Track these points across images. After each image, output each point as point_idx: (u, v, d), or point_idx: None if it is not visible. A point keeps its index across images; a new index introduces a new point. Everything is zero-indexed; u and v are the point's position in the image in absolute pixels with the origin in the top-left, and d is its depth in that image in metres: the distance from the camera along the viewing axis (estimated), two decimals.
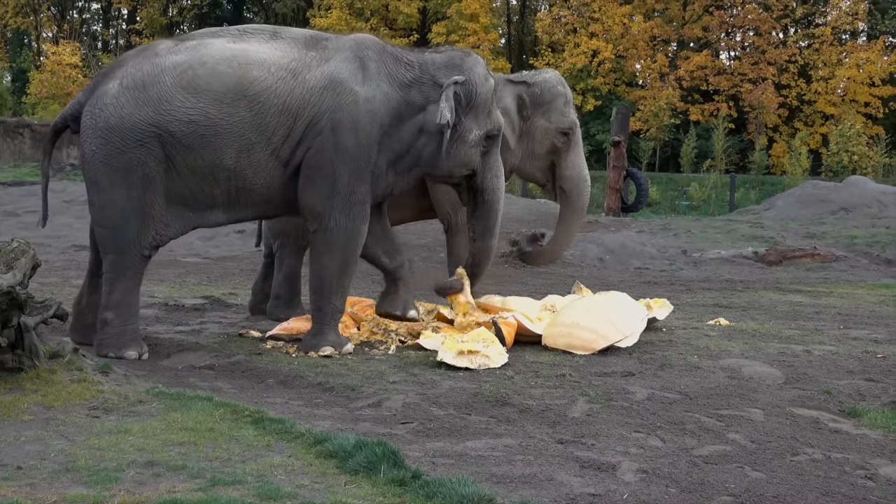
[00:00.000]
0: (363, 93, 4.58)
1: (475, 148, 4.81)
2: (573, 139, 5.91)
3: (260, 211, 4.72)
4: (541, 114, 5.85)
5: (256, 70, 4.51)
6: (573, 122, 5.90)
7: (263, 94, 4.48)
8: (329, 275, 4.67)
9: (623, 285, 8.07)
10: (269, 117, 4.48)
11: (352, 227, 4.63)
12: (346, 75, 4.59)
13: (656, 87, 28.99)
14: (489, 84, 4.82)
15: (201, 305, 6.33)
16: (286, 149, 4.53)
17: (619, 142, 14.62)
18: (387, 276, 5.16)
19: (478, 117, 4.78)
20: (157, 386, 3.88)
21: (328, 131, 4.52)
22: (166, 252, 10.28)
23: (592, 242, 10.67)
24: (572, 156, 5.93)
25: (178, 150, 4.45)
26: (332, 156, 4.53)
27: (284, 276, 5.86)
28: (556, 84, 5.90)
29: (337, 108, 4.53)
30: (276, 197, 4.64)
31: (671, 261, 10.23)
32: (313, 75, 4.57)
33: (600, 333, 4.92)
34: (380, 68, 4.68)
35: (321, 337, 4.72)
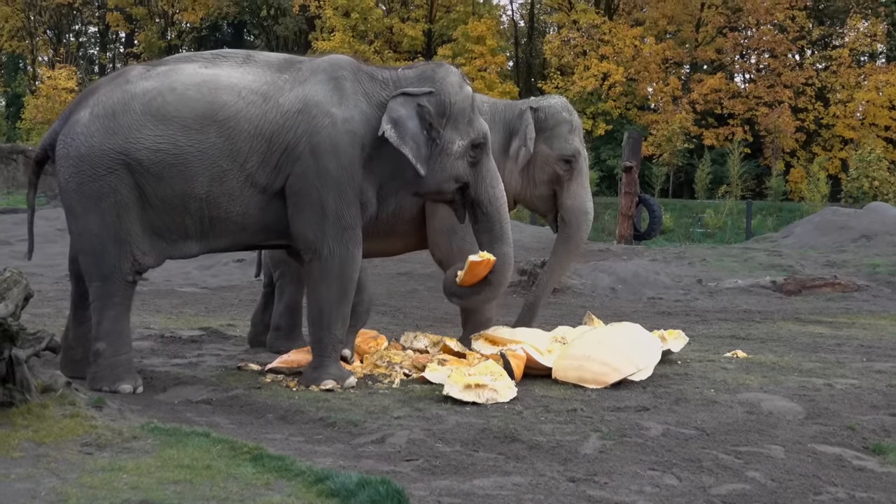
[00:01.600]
0: (340, 114, 4.60)
1: (461, 159, 4.82)
2: (576, 168, 5.89)
3: (235, 240, 4.72)
4: (543, 140, 5.86)
5: (226, 94, 4.55)
6: (576, 150, 5.88)
7: (234, 118, 4.51)
8: (327, 304, 4.67)
9: (636, 316, 8.04)
10: (240, 143, 4.50)
11: (345, 253, 4.64)
12: (320, 97, 4.62)
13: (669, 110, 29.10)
14: (465, 92, 4.82)
15: (199, 337, 6.33)
16: (262, 175, 4.54)
17: (631, 167, 14.65)
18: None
19: (458, 127, 4.79)
20: (153, 421, 3.87)
21: (307, 156, 4.54)
22: (163, 282, 10.33)
23: (604, 271, 10.66)
24: (575, 185, 5.90)
25: (147, 180, 4.48)
26: (315, 181, 4.55)
27: (285, 307, 5.86)
28: (560, 110, 5.91)
29: (313, 131, 4.56)
30: (252, 224, 4.64)
31: (686, 290, 10.20)
32: (286, 99, 4.60)
33: (613, 366, 4.90)
34: (356, 88, 4.71)
35: (322, 370, 4.71)
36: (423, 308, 8.65)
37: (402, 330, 6.45)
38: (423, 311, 8.46)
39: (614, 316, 7.81)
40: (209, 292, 9.63)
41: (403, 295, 9.71)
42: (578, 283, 10.21)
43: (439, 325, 7.32)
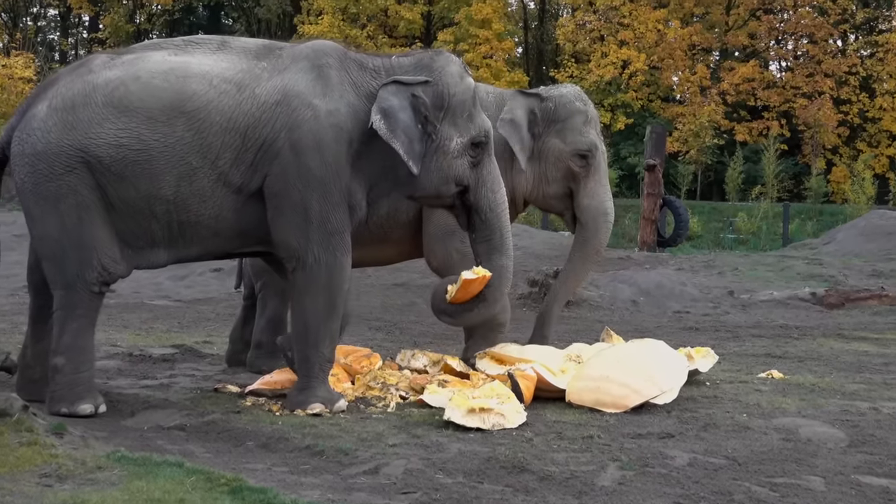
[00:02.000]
0: (324, 106, 4.61)
1: (460, 159, 4.81)
2: (592, 164, 5.89)
3: (208, 247, 4.71)
4: (555, 132, 5.86)
5: (196, 83, 4.55)
6: (592, 143, 5.88)
7: (204, 110, 4.52)
8: (314, 319, 4.67)
9: (660, 332, 8.05)
10: (211, 137, 4.51)
11: (333, 260, 4.64)
12: (302, 87, 4.63)
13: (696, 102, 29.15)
14: (465, 84, 4.83)
15: (171, 356, 6.34)
16: (236, 173, 4.55)
17: (655, 165, 14.67)
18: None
19: (456, 123, 4.79)
20: (120, 450, 3.88)
21: (287, 153, 4.55)
22: (131, 294, 10.34)
23: (624, 282, 10.66)
24: (591, 183, 5.91)
25: (109, 179, 4.49)
26: (296, 181, 4.56)
27: (267, 322, 5.87)
28: (573, 99, 5.91)
29: (294, 125, 4.56)
30: (226, 230, 4.64)
31: (715, 303, 10.20)
32: (264, 89, 4.61)
33: (634, 388, 4.90)
34: (342, 77, 4.72)
35: (309, 392, 4.72)
36: (422, 323, 8.66)
37: (398, 347, 6.45)
38: (422, 326, 8.46)
39: (635, 332, 7.80)
40: (183, 305, 9.64)
41: (399, 308, 9.72)
42: (595, 295, 10.21)
43: (440, 342, 7.32)
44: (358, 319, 8.67)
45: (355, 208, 4.71)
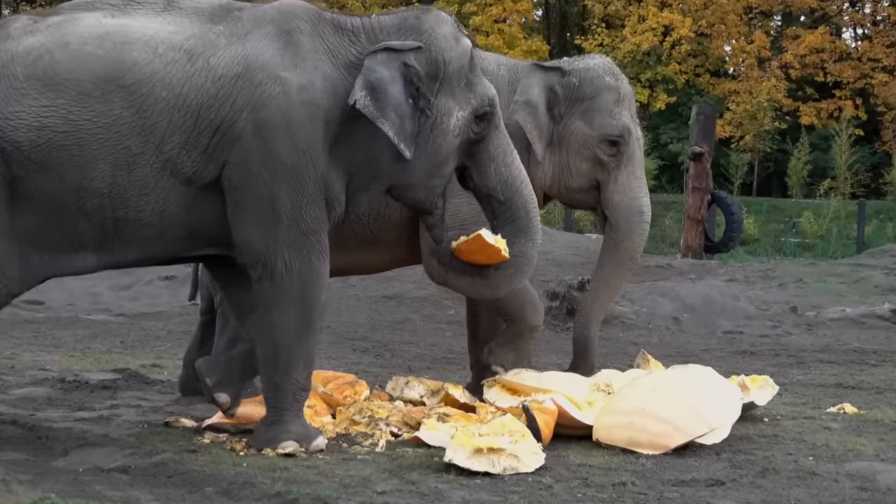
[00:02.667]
0: (295, 80, 4.60)
1: (461, 136, 4.82)
2: (625, 151, 5.88)
3: (150, 250, 4.68)
4: (579, 114, 5.85)
5: (138, 51, 4.53)
6: (625, 126, 5.86)
7: (147, 83, 4.49)
8: (284, 338, 4.67)
9: (707, 356, 8.04)
10: (155, 116, 4.48)
11: (307, 267, 4.63)
12: (267, 57, 4.61)
13: (753, 77, 29.20)
14: (462, 47, 4.82)
15: (112, 382, 6.33)
16: (186, 161, 4.53)
17: (702, 154, 14.69)
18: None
19: (454, 94, 4.79)
20: (49, 496, 3.87)
21: (250, 136, 4.53)
22: (64, 307, 10.34)
23: (664, 295, 10.66)
24: (624, 176, 5.89)
25: (28, 170, 4.44)
26: (262, 170, 4.54)
27: (229, 341, 5.86)
28: (602, 73, 5.90)
29: (259, 103, 4.55)
30: (173, 228, 4.61)
31: (775, 322, 10.20)
32: (221, 59, 4.59)
33: (675, 425, 4.90)
34: (316, 44, 4.71)
35: (280, 427, 4.71)
36: (418, 343, 8.66)
37: (388, 373, 6.45)
38: (418, 347, 8.47)
39: (677, 356, 7.79)
40: (127, 321, 9.64)
41: (391, 326, 9.73)
42: (629, 311, 10.22)
43: (439, 367, 7.33)
44: (340, 339, 8.68)
45: (333, 203, 4.70)
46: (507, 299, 5.57)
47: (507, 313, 5.73)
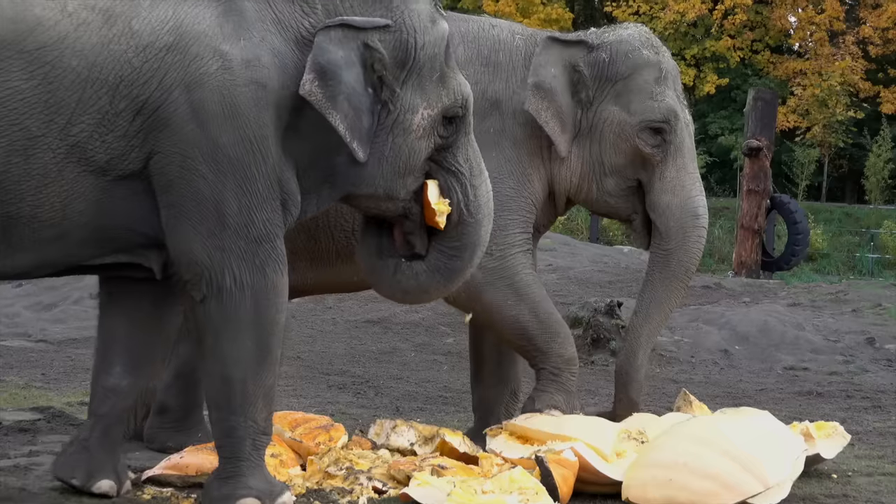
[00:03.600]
0: (238, 54, 4.58)
1: (426, 139, 4.82)
2: (672, 141, 5.88)
3: (45, 255, 4.64)
4: (612, 97, 5.84)
5: (41, 8, 4.51)
6: (670, 109, 5.86)
7: (52, 49, 4.47)
8: (237, 371, 4.66)
9: (764, 397, 8.05)
10: (62, 91, 4.46)
11: (261, 281, 4.62)
12: (204, 26, 4.59)
13: (824, 54, 29.23)
14: (438, 30, 4.81)
15: (31, 423, 6.34)
16: (100, 147, 4.50)
17: (760, 149, 14.71)
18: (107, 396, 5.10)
19: (424, 87, 4.78)
20: None
21: (184, 121, 4.51)
22: None
23: (711, 323, 10.67)
24: (672, 171, 5.90)
25: None
26: (200, 164, 4.52)
27: (176, 376, 5.88)
28: (638, 46, 5.89)
29: (194, 81, 4.52)
30: (77, 229, 4.58)
31: (848, 356, 10.21)
32: (146, 23, 4.56)
33: (724, 482, 4.91)
34: (263, 13, 4.68)
35: (237, 481, 4.72)
36: (408, 379, 8.67)
37: (371, 416, 6.47)
38: (408, 384, 8.47)
39: (727, 396, 7.80)
40: (50, 348, 9.64)
41: (375, 357, 9.73)
42: (669, 342, 10.22)
43: (434, 409, 7.33)
44: (313, 372, 8.68)
45: (288, 204, 4.69)
46: (531, 333, 5.60)
47: (535, 350, 5.73)
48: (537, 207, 5.78)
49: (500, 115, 5.72)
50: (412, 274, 4.95)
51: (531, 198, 5.74)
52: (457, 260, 4.94)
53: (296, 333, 10.24)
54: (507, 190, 5.66)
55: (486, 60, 5.78)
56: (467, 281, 5.56)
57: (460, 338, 9.47)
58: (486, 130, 5.65)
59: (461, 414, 6.80)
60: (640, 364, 5.94)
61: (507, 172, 5.68)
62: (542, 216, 5.88)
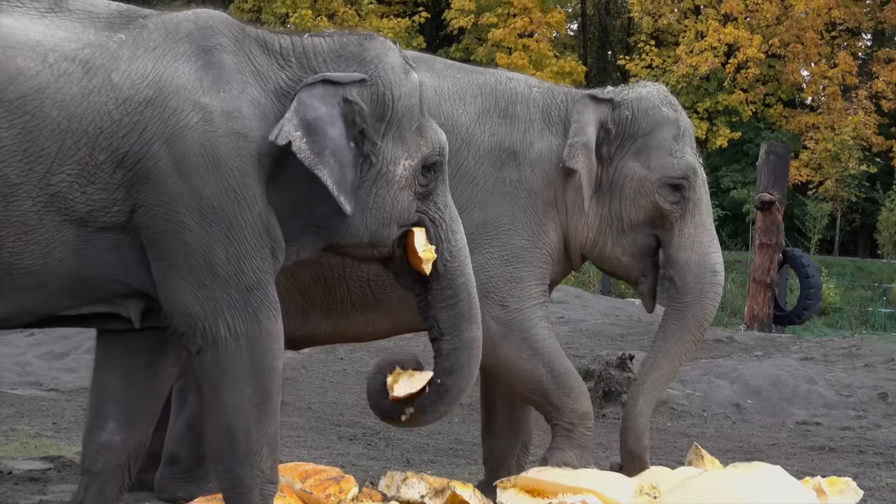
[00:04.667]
0: (218, 105, 4.59)
1: (408, 189, 4.83)
2: (691, 198, 5.90)
3: (22, 303, 4.63)
4: (632, 153, 5.87)
5: (23, 58, 4.51)
6: (689, 166, 5.88)
7: (33, 98, 4.47)
8: (239, 420, 4.65)
9: (776, 452, 8.02)
10: (42, 140, 4.46)
11: (256, 329, 4.61)
12: (184, 79, 4.59)
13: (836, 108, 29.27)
14: (412, 82, 4.83)
15: (41, 473, 6.34)
16: (79, 198, 4.49)
17: (772, 202, 14.70)
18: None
19: (403, 138, 4.79)
20: None
21: (166, 175, 4.51)
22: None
23: (723, 376, 10.64)
24: (690, 227, 5.91)
25: None
26: (185, 216, 4.52)
27: (187, 425, 5.88)
28: (658, 104, 5.93)
29: (174, 134, 4.52)
30: (57, 279, 4.58)
31: (860, 411, 10.17)
32: (126, 76, 4.56)
33: None
34: (242, 64, 4.70)
35: None
36: (419, 431, 8.63)
37: (382, 467, 6.46)
38: (419, 435, 8.45)
39: (739, 451, 7.77)
40: (61, 397, 9.63)
41: None
42: (680, 396, 10.20)
43: (445, 461, 7.32)
44: (323, 423, 8.67)
45: (277, 252, 4.71)
46: (546, 388, 5.61)
47: (549, 406, 5.73)
48: (553, 259, 5.79)
49: (517, 166, 5.74)
50: (447, 359, 4.98)
51: (546, 248, 5.75)
52: (461, 303, 4.96)
53: (307, 384, 10.25)
54: (522, 241, 5.68)
55: (504, 112, 5.81)
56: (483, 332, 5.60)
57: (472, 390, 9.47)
58: (503, 180, 5.69)
59: (472, 466, 6.78)
60: (638, 411, 5.93)
61: (522, 223, 5.69)
62: (557, 269, 5.89)
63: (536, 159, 5.73)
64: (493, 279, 5.59)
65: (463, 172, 5.69)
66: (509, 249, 5.64)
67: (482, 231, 5.64)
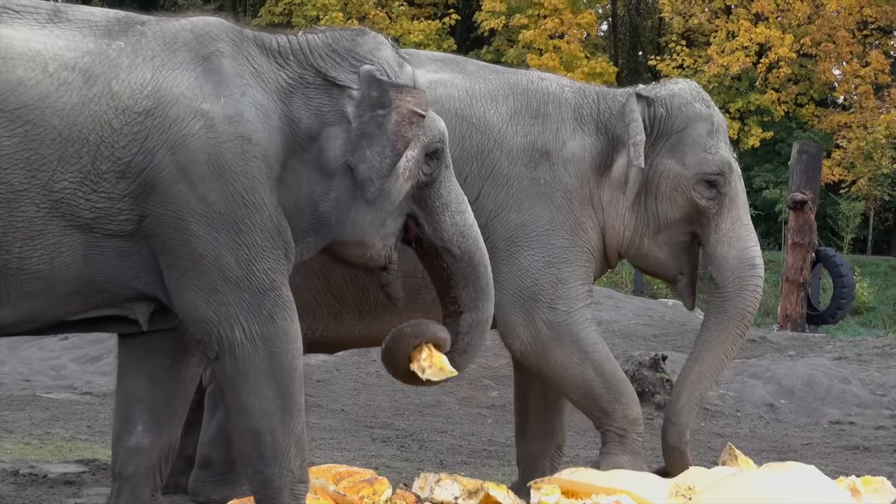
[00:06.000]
0: (219, 111, 4.59)
1: (412, 180, 4.84)
2: (727, 193, 5.90)
3: (30, 309, 4.64)
4: (667, 150, 5.85)
5: (23, 69, 4.52)
6: (724, 161, 5.87)
7: (34, 108, 4.48)
8: (264, 423, 4.65)
9: (810, 452, 7.98)
10: (44, 148, 4.47)
11: (272, 330, 4.62)
12: (184, 87, 4.60)
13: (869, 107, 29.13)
14: (406, 74, 4.87)
15: (76, 476, 6.36)
16: (83, 205, 4.50)
17: (805, 202, 14.66)
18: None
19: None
20: None
21: (171, 183, 4.51)
22: (18, 382, 10.35)
23: (756, 376, 10.61)
24: (727, 223, 5.91)
25: None
26: (192, 224, 4.52)
27: (219, 429, 5.89)
28: (691, 100, 5.92)
29: (177, 143, 4.53)
30: (65, 283, 4.60)
31: (895, 410, 10.13)
32: (125, 85, 4.57)
33: None
34: (241, 67, 4.71)
35: None
36: (452, 433, 8.65)
37: (416, 469, 6.45)
38: (452, 437, 8.45)
39: (773, 451, 7.74)
40: (95, 400, 9.67)
41: (419, 410, 9.72)
42: (714, 396, 10.16)
43: (478, 462, 7.31)
44: (357, 425, 8.68)
45: (289, 253, 4.72)
46: (596, 393, 5.61)
47: (599, 411, 5.72)
48: (595, 257, 5.78)
49: (551, 166, 5.73)
50: (468, 330, 5.00)
51: (587, 246, 5.74)
52: (479, 278, 4.99)
53: (340, 386, 10.26)
54: (562, 241, 5.67)
55: (536, 112, 5.80)
56: (534, 337, 5.60)
57: (504, 391, 9.45)
58: (537, 181, 5.68)
59: (505, 468, 6.76)
60: (681, 406, 5.92)
61: (561, 223, 5.68)
62: (598, 267, 5.89)
63: (570, 158, 5.73)
64: (539, 282, 5.58)
65: (496, 174, 5.69)
66: (551, 250, 5.64)
67: (521, 233, 5.64)
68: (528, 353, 5.66)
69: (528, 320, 5.63)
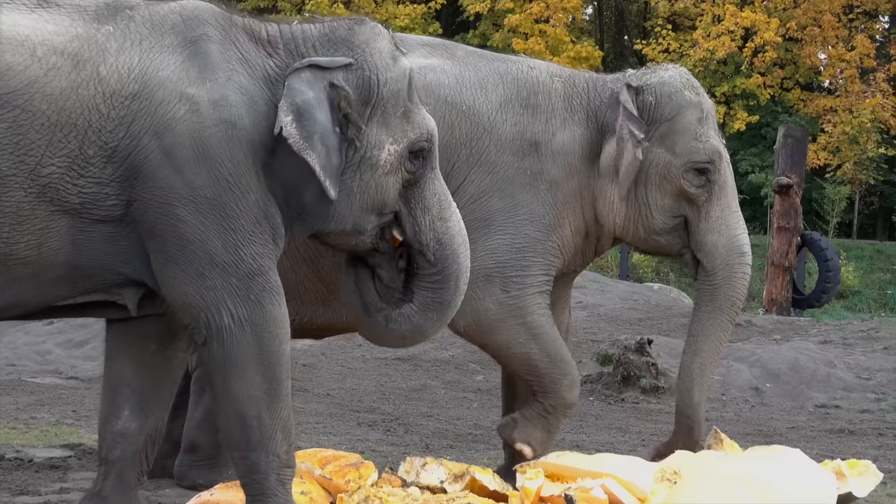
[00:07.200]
0: (205, 95, 4.59)
1: (393, 175, 4.83)
2: (716, 181, 5.90)
3: (20, 294, 4.66)
4: (657, 139, 5.86)
5: (11, 53, 4.53)
6: (714, 150, 5.89)
7: (22, 93, 4.48)
8: (251, 407, 4.65)
9: (795, 435, 8.00)
10: (32, 133, 4.47)
11: (259, 314, 4.62)
12: (169, 71, 4.60)
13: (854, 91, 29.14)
14: (400, 68, 4.83)
15: (62, 460, 6.35)
16: (71, 189, 4.51)
17: (790, 186, 14.65)
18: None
19: (388, 123, 4.79)
20: None
21: (157, 167, 4.52)
22: (4, 367, 10.33)
23: (742, 360, 10.62)
24: (716, 210, 5.92)
25: None
26: (178, 209, 4.53)
27: (205, 413, 5.89)
28: (680, 88, 5.93)
29: (162, 127, 4.53)
30: (53, 268, 4.60)
31: (880, 393, 10.15)
32: (112, 69, 4.57)
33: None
34: (228, 53, 4.71)
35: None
36: (438, 417, 8.66)
37: (401, 453, 6.46)
38: (438, 421, 8.46)
39: (758, 434, 7.75)
40: (81, 385, 9.65)
41: (404, 394, 9.72)
42: None
43: (464, 446, 7.31)
44: (342, 410, 8.68)
45: (277, 238, 4.72)
46: (544, 369, 5.63)
47: (540, 385, 5.75)
48: (564, 253, 5.80)
49: (539, 157, 5.74)
50: (405, 319, 4.99)
51: (559, 242, 5.76)
52: (444, 292, 4.97)
53: (325, 370, 10.26)
54: (535, 233, 5.69)
55: (525, 102, 5.81)
56: (480, 314, 5.62)
57: (490, 375, 9.46)
58: (524, 171, 5.70)
59: (491, 451, 6.77)
60: (697, 402, 5.95)
61: (539, 216, 5.70)
62: (578, 258, 5.93)
63: (559, 150, 5.74)
64: (501, 264, 5.59)
65: (483, 161, 5.70)
66: (522, 239, 5.65)
67: (499, 217, 5.65)
68: (472, 330, 5.69)
69: (478, 298, 5.63)
